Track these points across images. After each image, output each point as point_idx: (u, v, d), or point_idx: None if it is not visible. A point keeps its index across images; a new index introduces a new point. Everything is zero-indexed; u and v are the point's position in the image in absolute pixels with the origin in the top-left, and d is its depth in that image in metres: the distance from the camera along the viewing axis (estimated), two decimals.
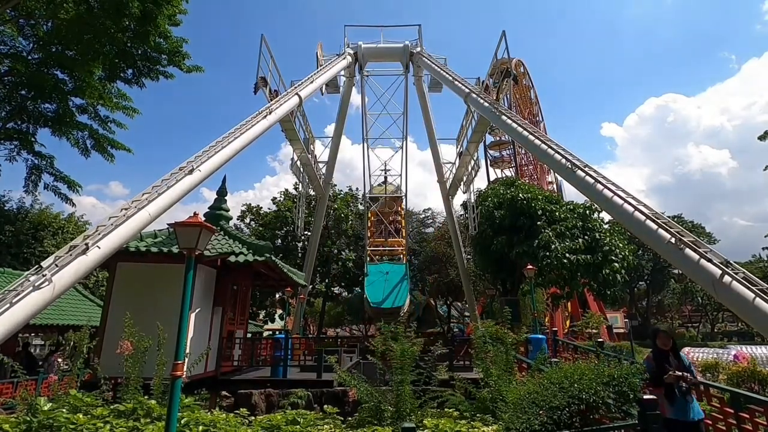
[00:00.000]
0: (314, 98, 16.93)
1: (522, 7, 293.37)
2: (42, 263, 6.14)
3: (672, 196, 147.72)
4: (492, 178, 45.88)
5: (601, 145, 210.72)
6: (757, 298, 6.30)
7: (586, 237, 19.40)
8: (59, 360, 13.62)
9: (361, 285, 23.93)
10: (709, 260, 7.05)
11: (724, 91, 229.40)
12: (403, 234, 28.24)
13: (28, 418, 5.29)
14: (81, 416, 5.30)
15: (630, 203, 8.73)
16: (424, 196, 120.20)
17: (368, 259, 25.87)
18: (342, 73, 22.39)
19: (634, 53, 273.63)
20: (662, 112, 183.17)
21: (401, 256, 26.81)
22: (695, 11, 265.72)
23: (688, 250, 7.35)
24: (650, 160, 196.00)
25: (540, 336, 11.62)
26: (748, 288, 6.48)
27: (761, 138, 23.38)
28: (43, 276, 5.81)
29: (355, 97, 26.41)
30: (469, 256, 28.11)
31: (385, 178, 29.38)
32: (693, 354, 16.10)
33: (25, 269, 17.77)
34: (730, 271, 6.75)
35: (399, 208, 28.97)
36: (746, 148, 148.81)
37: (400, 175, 27.46)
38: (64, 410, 5.58)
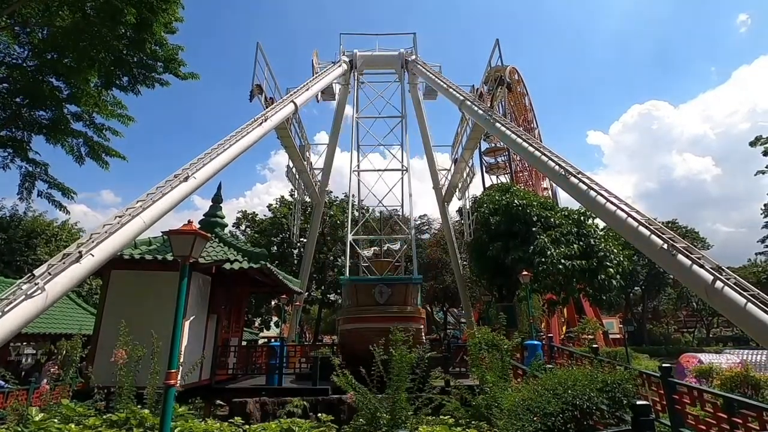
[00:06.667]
0: (304, 108, 16.69)
1: (514, 14, 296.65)
2: (35, 271, 6.09)
3: (660, 203, 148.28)
4: (487, 184, 46.00)
5: (588, 152, 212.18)
6: (749, 304, 6.36)
7: (581, 243, 19.50)
8: (51, 369, 13.47)
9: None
10: (702, 266, 7.11)
11: (712, 98, 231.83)
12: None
13: (19, 429, 5.24)
14: (73, 426, 5.26)
15: (623, 209, 8.80)
16: (416, 203, 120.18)
17: None
18: (337, 80, 22.46)
19: (615, 63, 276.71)
20: (646, 120, 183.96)
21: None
22: (674, 26, 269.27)
23: (680, 256, 7.41)
24: (637, 168, 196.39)
25: (535, 342, 11.65)
26: (740, 294, 6.54)
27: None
28: (36, 285, 5.77)
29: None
30: (464, 263, 28.16)
31: (381, 243, 23.77)
32: (692, 358, 16.11)
33: (18, 277, 17.61)
34: (723, 277, 6.81)
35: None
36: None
37: (402, 199, 22.82)
38: (55, 420, 5.53)
